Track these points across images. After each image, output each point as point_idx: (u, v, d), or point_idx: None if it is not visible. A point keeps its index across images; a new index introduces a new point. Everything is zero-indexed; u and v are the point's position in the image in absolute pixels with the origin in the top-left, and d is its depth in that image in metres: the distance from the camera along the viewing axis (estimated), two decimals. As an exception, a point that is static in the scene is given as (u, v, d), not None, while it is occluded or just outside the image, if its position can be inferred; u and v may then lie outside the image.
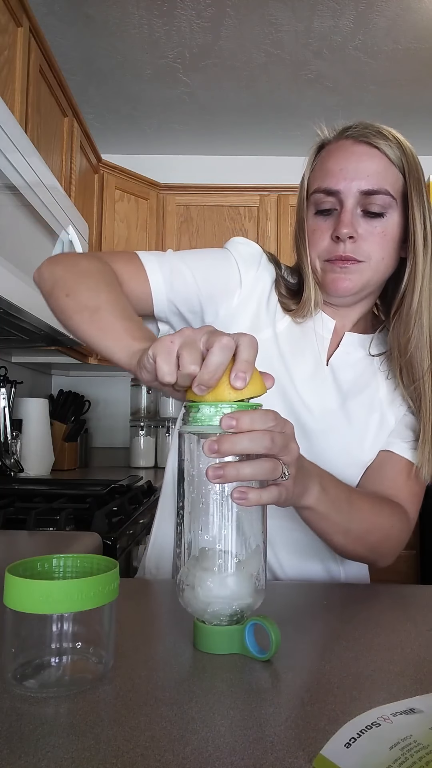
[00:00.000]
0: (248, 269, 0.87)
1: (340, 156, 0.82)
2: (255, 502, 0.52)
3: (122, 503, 1.52)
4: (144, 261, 0.84)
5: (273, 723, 0.42)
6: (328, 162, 0.83)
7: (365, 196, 0.80)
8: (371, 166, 0.80)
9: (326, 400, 0.86)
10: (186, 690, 0.46)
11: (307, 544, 0.86)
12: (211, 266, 0.87)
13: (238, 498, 0.51)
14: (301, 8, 2.08)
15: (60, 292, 0.74)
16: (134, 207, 2.72)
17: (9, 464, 2.16)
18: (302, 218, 0.86)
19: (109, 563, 0.52)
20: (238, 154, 3.18)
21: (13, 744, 0.38)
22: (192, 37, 2.24)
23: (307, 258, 0.85)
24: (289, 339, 0.87)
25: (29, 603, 0.45)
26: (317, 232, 0.83)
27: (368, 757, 0.36)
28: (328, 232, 0.82)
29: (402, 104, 2.69)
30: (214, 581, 0.53)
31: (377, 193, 0.80)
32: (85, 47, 2.32)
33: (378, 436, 0.87)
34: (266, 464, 0.52)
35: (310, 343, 0.88)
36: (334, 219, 0.82)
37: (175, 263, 0.85)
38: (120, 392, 3.12)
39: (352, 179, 0.80)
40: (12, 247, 1.34)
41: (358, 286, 0.83)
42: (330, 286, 0.83)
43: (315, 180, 0.84)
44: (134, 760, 0.37)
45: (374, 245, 0.81)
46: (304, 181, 0.87)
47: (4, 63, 1.50)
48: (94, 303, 0.70)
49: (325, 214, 0.83)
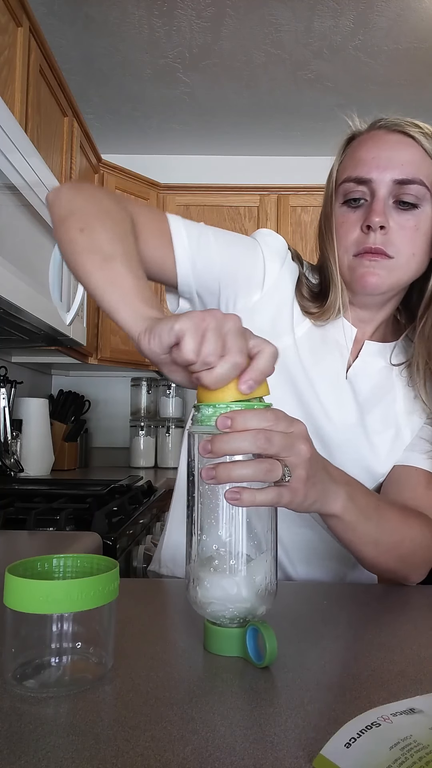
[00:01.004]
0: (273, 264, 0.83)
1: (372, 145, 0.78)
2: (248, 503, 0.50)
3: (122, 503, 1.52)
4: (172, 224, 0.78)
5: (273, 723, 0.42)
6: (360, 151, 0.79)
7: (399, 185, 0.76)
8: (405, 155, 0.76)
9: (346, 411, 0.84)
10: (186, 690, 0.46)
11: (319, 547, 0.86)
12: (239, 251, 0.82)
13: (231, 498, 0.49)
14: (301, 8, 2.08)
15: (75, 223, 0.66)
16: (134, 207, 2.72)
17: (9, 464, 2.16)
18: (328, 212, 0.82)
19: (109, 563, 0.52)
20: (238, 154, 3.18)
21: (13, 744, 0.38)
22: (192, 37, 2.24)
23: (334, 254, 0.81)
24: (309, 346, 0.84)
25: (29, 603, 0.45)
26: (346, 224, 0.80)
27: (368, 757, 0.36)
28: (358, 224, 0.78)
29: (402, 104, 2.69)
30: (211, 582, 0.52)
31: (412, 182, 0.76)
32: (85, 47, 2.32)
33: (392, 451, 0.85)
34: (261, 465, 0.50)
35: (330, 351, 0.85)
36: (364, 210, 0.78)
37: (204, 234, 0.79)
38: (120, 392, 3.12)
39: (385, 168, 0.76)
40: (12, 247, 1.34)
41: (387, 285, 0.79)
42: (358, 282, 0.79)
43: (345, 170, 0.80)
44: (134, 760, 0.37)
45: (405, 239, 0.77)
46: (333, 173, 0.83)
47: (4, 63, 1.50)
48: (110, 249, 0.63)
49: (354, 205, 0.79)
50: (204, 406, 0.52)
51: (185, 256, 0.77)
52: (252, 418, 0.50)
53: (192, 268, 0.78)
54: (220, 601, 0.52)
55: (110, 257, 0.62)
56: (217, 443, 0.49)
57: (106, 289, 0.60)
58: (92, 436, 3.10)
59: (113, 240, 0.64)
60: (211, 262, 0.79)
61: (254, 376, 0.50)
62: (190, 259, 0.78)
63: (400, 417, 0.85)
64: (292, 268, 0.86)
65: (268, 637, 0.49)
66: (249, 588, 0.52)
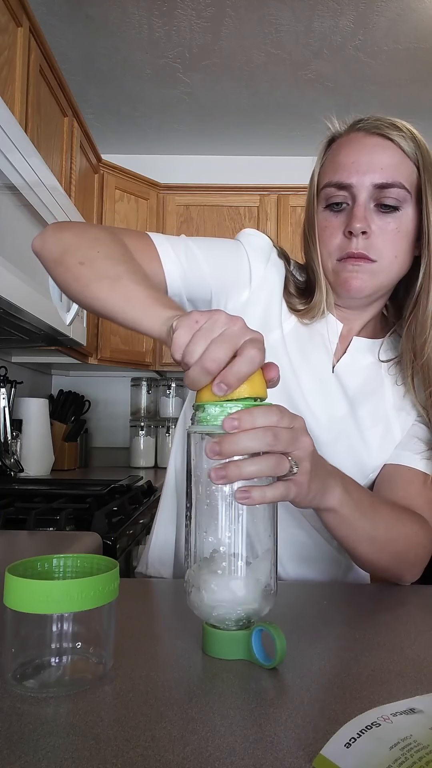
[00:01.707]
0: (258, 263, 0.84)
1: (352, 148, 0.79)
2: (259, 500, 0.50)
3: (122, 503, 1.52)
4: (156, 242, 0.79)
5: (273, 723, 0.42)
6: (339, 155, 0.80)
7: (379, 189, 0.77)
8: (385, 159, 0.77)
9: (333, 407, 0.84)
10: (186, 690, 0.46)
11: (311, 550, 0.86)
12: (223, 256, 0.83)
13: (241, 498, 0.49)
14: (301, 8, 2.08)
15: (72, 259, 0.68)
16: (134, 207, 2.72)
17: (9, 464, 2.16)
18: (312, 216, 0.83)
19: (109, 563, 0.52)
20: (238, 154, 3.18)
21: (13, 744, 0.38)
22: (192, 37, 2.24)
23: (317, 258, 0.81)
24: (295, 341, 0.84)
25: (29, 603, 0.45)
26: (328, 229, 0.80)
27: (368, 757, 0.36)
28: (340, 229, 0.79)
29: (402, 104, 2.69)
30: (218, 584, 0.52)
31: (392, 186, 0.76)
32: (85, 47, 2.32)
33: (383, 447, 0.85)
34: (270, 460, 0.51)
35: (317, 347, 0.85)
36: (346, 215, 0.78)
37: (189, 247, 0.81)
38: (120, 392, 3.12)
39: (364, 172, 0.77)
40: (12, 247, 1.34)
41: (370, 288, 0.80)
42: (342, 286, 0.79)
43: (326, 174, 0.81)
44: (134, 760, 0.37)
45: (387, 242, 0.78)
46: (314, 177, 0.84)
47: (4, 63, 1.50)
48: (114, 272, 0.65)
49: (335, 209, 0.79)
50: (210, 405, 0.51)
51: (175, 272, 0.79)
52: (259, 417, 0.50)
53: (182, 283, 0.80)
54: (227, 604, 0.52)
55: (118, 278, 0.64)
56: (226, 444, 0.49)
57: (124, 308, 0.62)
58: (92, 436, 3.10)
59: (115, 263, 0.66)
60: (201, 275, 0.80)
61: (226, 379, 0.49)
62: (180, 275, 0.79)
63: (390, 413, 0.86)
64: (278, 265, 0.87)
65: (278, 637, 0.49)
66: (254, 589, 0.52)
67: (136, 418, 2.95)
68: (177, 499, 0.96)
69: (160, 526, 0.97)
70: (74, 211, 1.87)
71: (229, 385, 0.49)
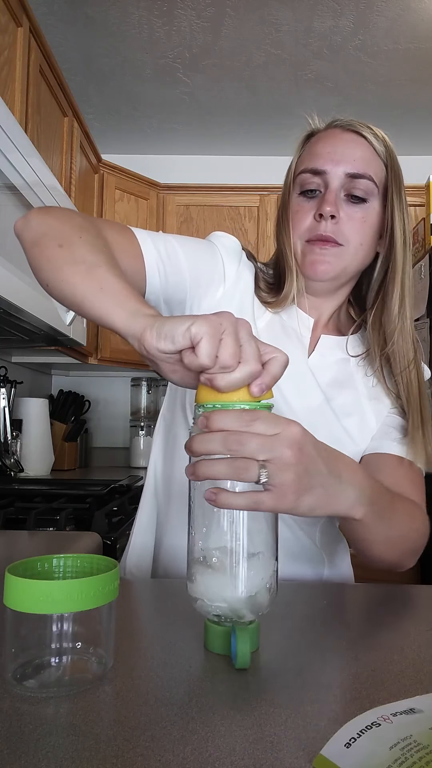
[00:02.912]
0: (231, 262, 0.87)
1: (328, 141, 0.85)
2: (224, 504, 0.50)
3: (122, 503, 1.52)
4: (138, 237, 0.79)
5: (273, 723, 0.42)
6: (317, 146, 0.86)
7: (350, 179, 0.82)
8: (358, 152, 0.83)
9: (309, 397, 0.86)
10: (186, 690, 0.46)
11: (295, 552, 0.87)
12: (200, 253, 0.85)
13: (208, 498, 0.50)
14: (301, 8, 2.08)
15: (51, 241, 0.65)
16: (134, 207, 2.72)
17: (9, 464, 2.16)
18: (286, 202, 0.88)
19: (109, 563, 0.52)
20: (238, 154, 3.18)
21: (13, 744, 0.38)
22: (192, 37, 2.24)
23: (289, 240, 0.86)
24: (270, 336, 0.87)
25: (29, 603, 0.45)
26: (300, 212, 0.85)
27: (368, 757, 0.36)
28: (311, 213, 0.84)
29: (402, 104, 2.69)
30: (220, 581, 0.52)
31: (362, 177, 0.82)
32: (85, 47, 2.32)
33: (361, 436, 0.87)
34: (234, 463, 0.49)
35: (291, 340, 0.88)
36: (318, 201, 0.84)
37: (169, 242, 0.81)
38: (120, 392, 3.12)
39: (338, 162, 0.82)
40: (12, 247, 1.34)
41: (337, 270, 0.84)
42: (309, 268, 0.84)
43: (302, 162, 0.87)
44: (134, 760, 0.37)
45: (354, 230, 0.83)
46: (292, 166, 0.89)
47: (4, 63, 1.50)
48: (93, 259, 0.62)
49: (309, 195, 0.85)
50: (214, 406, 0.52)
51: (155, 267, 0.79)
52: (227, 419, 0.49)
53: (161, 279, 0.80)
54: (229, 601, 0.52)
55: (95, 265, 0.61)
56: (194, 443, 0.50)
57: (96, 296, 0.59)
58: (92, 436, 3.10)
59: (94, 251, 0.64)
60: (179, 269, 0.81)
61: (267, 381, 0.51)
62: (160, 271, 0.79)
63: (364, 403, 0.89)
64: (249, 265, 0.90)
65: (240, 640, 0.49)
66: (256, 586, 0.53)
67: (136, 418, 2.95)
68: (157, 503, 0.95)
69: (139, 531, 0.96)
70: (74, 211, 1.87)
71: (267, 386, 0.51)
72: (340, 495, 0.58)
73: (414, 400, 0.87)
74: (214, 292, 0.85)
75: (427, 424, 0.86)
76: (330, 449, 0.58)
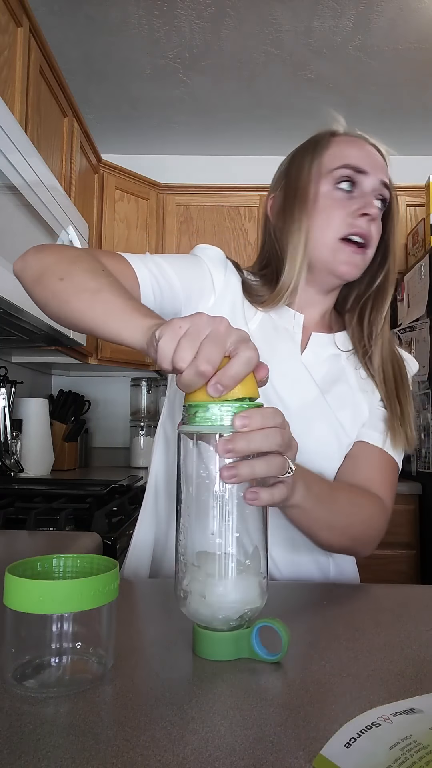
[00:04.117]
0: (218, 271, 0.90)
1: (362, 147, 0.88)
2: (268, 501, 0.53)
3: (122, 503, 1.52)
4: (130, 261, 0.83)
5: (273, 723, 0.42)
6: (351, 149, 0.88)
7: (382, 186, 0.87)
8: (384, 164, 0.89)
9: (304, 391, 0.89)
10: (186, 690, 0.46)
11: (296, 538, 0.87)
12: (188, 268, 0.88)
13: (252, 498, 0.51)
14: (301, 8, 2.08)
15: (52, 277, 0.69)
16: (134, 207, 2.72)
17: (9, 464, 2.16)
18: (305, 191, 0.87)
19: (109, 563, 0.52)
20: (238, 154, 3.18)
21: (13, 744, 0.38)
22: (192, 37, 2.24)
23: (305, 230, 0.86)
24: (262, 337, 0.89)
25: (29, 603, 0.45)
26: (334, 206, 0.86)
27: (368, 757, 0.36)
28: (346, 209, 0.85)
29: (402, 104, 2.69)
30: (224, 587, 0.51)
31: (389, 188, 0.88)
32: (85, 47, 2.32)
33: (354, 427, 0.90)
34: (278, 460, 0.53)
35: (283, 338, 0.91)
36: (356, 201, 0.85)
37: (158, 263, 0.85)
38: (120, 392, 3.12)
39: (375, 167, 0.87)
40: (12, 248, 1.34)
41: (358, 275, 0.88)
42: (340, 267, 0.86)
43: (337, 158, 0.87)
44: (134, 760, 0.37)
45: (377, 234, 0.87)
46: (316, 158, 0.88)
47: (4, 63, 1.50)
48: (94, 284, 0.66)
49: (346, 190, 0.86)
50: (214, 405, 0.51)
51: (150, 288, 0.82)
52: (268, 417, 0.52)
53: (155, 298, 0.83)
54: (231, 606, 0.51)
55: (98, 291, 0.65)
56: (240, 442, 0.50)
57: (105, 319, 0.63)
58: (92, 436, 3.10)
59: (94, 277, 0.67)
60: (171, 287, 0.84)
61: (222, 380, 0.49)
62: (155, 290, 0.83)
63: (357, 394, 0.92)
64: (234, 272, 0.93)
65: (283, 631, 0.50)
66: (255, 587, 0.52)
67: (136, 418, 2.95)
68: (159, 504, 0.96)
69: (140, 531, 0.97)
70: (74, 211, 1.87)
71: (225, 386, 0.50)
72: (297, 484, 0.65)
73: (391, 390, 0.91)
74: (206, 302, 0.88)
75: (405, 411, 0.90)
76: None
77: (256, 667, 0.51)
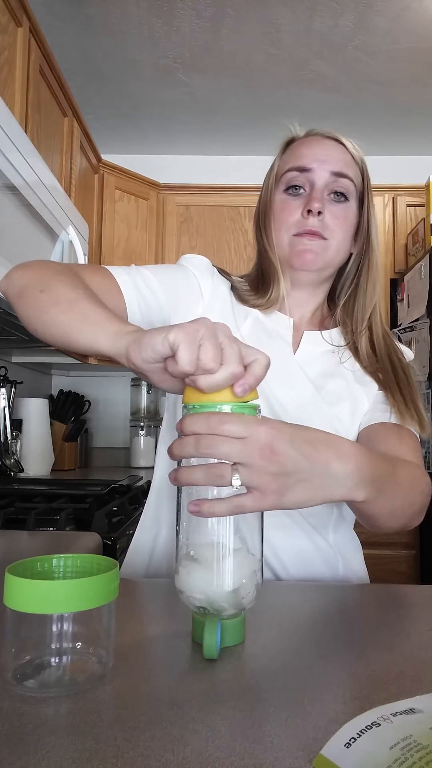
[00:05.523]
0: (205, 278, 0.92)
1: (313, 143, 0.92)
2: (208, 514, 0.51)
3: (122, 503, 1.52)
4: (114, 274, 0.84)
5: (273, 723, 0.42)
6: (301, 149, 0.92)
7: (334, 177, 0.89)
8: (339, 155, 0.90)
9: (300, 389, 0.89)
10: (186, 690, 0.46)
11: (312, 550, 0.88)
12: (173, 278, 0.90)
13: (192, 511, 0.51)
14: (301, 8, 2.08)
15: (33, 290, 0.71)
16: (134, 207, 2.72)
17: (9, 464, 2.16)
18: (268, 201, 0.93)
19: (109, 563, 0.52)
20: (238, 154, 3.18)
21: (13, 744, 0.38)
22: (192, 37, 2.24)
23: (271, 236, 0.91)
24: (255, 339, 0.91)
25: (29, 603, 0.45)
26: (287, 209, 0.90)
27: (368, 757, 0.36)
28: (297, 210, 0.89)
29: (402, 104, 2.69)
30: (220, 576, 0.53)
31: (344, 176, 0.89)
32: (85, 47, 2.32)
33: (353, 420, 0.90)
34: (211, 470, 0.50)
35: (275, 340, 0.92)
36: (304, 198, 0.89)
37: (143, 274, 0.86)
38: (120, 392, 3.12)
39: (323, 161, 0.89)
40: (12, 247, 1.34)
41: (323, 261, 0.89)
42: (297, 257, 0.89)
43: (287, 163, 0.92)
44: (134, 760, 0.37)
45: (337, 226, 0.89)
46: (274, 168, 0.95)
47: (4, 63, 1.50)
48: (72, 295, 0.67)
49: (293, 193, 0.90)
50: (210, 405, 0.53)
51: (134, 299, 0.84)
52: (197, 422, 0.50)
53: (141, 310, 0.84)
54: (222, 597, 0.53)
55: (75, 300, 0.66)
56: (173, 447, 0.52)
57: (80, 327, 0.63)
58: (92, 436, 3.10)
59: (73, 288, 0.69)
60: (156, 298, 0.86)
61: (250, 381, 0.52)
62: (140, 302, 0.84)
63: (354, 387, 0.92)
64: (222, 279, 0.95)
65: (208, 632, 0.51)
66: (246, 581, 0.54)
67: (136, 418, 2.95)
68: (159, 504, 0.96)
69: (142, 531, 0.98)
70: (74, 211, 1.87)
71: (250, 386, 0.52)
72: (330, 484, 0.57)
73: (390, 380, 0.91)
74: (194, 310, 0.90)
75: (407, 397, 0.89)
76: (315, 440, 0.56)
77: (256, 667, 0.51)
